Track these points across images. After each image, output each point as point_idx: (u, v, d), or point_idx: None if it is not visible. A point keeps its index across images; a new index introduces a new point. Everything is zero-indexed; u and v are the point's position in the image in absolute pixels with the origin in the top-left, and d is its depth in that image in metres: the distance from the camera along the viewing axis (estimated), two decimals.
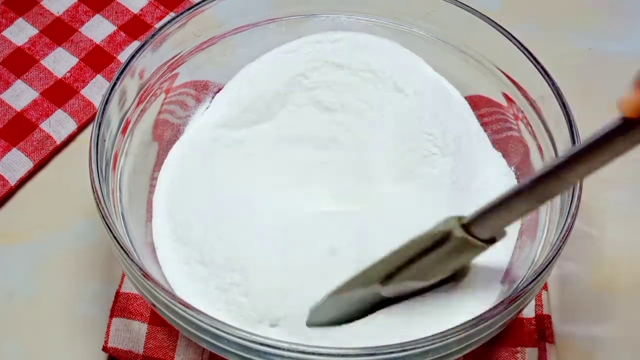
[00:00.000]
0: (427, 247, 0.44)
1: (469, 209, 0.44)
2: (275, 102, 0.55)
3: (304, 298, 0.47)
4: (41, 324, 0.53)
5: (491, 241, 0.43)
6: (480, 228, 0.43)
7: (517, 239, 0.50)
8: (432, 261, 0.44)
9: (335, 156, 0.55)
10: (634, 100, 0.34)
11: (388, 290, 0.46)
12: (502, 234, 0.44)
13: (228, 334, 0.41)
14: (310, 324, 0.47)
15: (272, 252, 0.49)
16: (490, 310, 0.42)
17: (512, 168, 0.53)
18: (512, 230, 0.49)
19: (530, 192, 0.40)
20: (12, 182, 0.58)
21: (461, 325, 0.41)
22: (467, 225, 0.43)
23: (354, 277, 0.46)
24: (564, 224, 0.45)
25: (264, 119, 0.55)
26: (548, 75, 0.50)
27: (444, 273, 0.46)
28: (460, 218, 0.43)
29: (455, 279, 0.47)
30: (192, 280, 0.48)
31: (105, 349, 0.51)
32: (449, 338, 0.41)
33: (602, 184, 0.56)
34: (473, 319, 0.41)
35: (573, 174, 0.38)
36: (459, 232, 0.43)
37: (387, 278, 0.45)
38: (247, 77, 0.56)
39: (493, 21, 0.52)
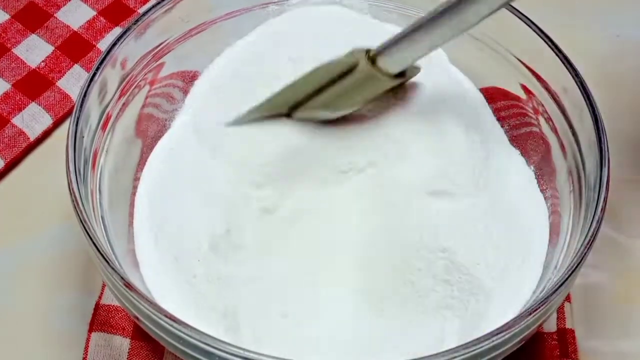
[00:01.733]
0: (332, 77, 0.47)
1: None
2: (266, 88, 0.54)
3: (296, 317, 0.48)
4: (13, 339, 0.53)
5: (400, 75, 0.46)
6: (389, 61, 0.45)
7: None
8: (338, 91, 0.47)
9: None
10: None
11: (297, 117, 0.49)
12: (414, 69, 0.47)
13: (219, 350, 0.40)
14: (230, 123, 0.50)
15: (267, 265, 0.49)
16: (506, 324, 0.41)
17: (532, 167, 0.53)
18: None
19: (442, 19, 0.42)
20: None
21: (474, 341, 0.41)
22: (374, 57, 0.45)
23: (263, 102, 0.49)
24: (589, 229, 0.44)
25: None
26: (571, 65, 0.50)
27: (352, 105, 0.48)
28: (368, 50, 0.45)
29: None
30: (179, 292, 0.48)
31: None
32: (460, 355, 0.40)
33: (630, 185, 0.58)
34: (487, 334, 0.41)
35: None
36: (364, 65, 0.45)
37: (295, 106, 0.49)
38: (230, 62, 0.55)
39: (511, 5, 0.51)
